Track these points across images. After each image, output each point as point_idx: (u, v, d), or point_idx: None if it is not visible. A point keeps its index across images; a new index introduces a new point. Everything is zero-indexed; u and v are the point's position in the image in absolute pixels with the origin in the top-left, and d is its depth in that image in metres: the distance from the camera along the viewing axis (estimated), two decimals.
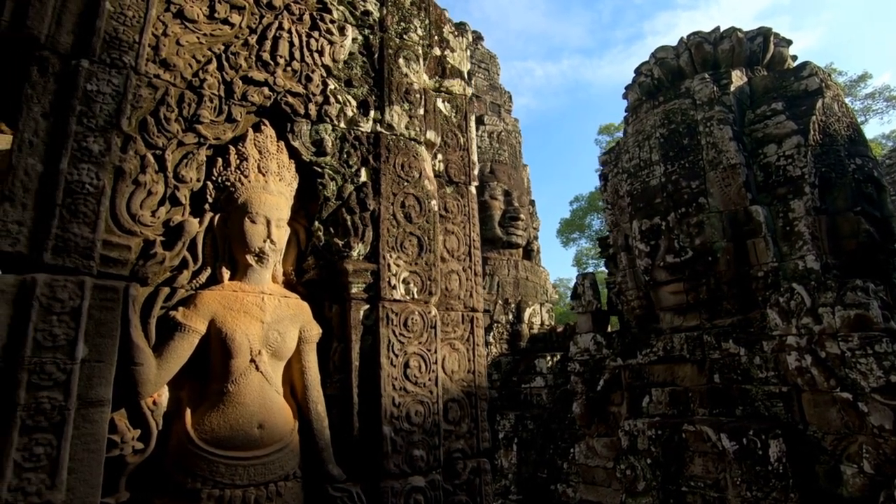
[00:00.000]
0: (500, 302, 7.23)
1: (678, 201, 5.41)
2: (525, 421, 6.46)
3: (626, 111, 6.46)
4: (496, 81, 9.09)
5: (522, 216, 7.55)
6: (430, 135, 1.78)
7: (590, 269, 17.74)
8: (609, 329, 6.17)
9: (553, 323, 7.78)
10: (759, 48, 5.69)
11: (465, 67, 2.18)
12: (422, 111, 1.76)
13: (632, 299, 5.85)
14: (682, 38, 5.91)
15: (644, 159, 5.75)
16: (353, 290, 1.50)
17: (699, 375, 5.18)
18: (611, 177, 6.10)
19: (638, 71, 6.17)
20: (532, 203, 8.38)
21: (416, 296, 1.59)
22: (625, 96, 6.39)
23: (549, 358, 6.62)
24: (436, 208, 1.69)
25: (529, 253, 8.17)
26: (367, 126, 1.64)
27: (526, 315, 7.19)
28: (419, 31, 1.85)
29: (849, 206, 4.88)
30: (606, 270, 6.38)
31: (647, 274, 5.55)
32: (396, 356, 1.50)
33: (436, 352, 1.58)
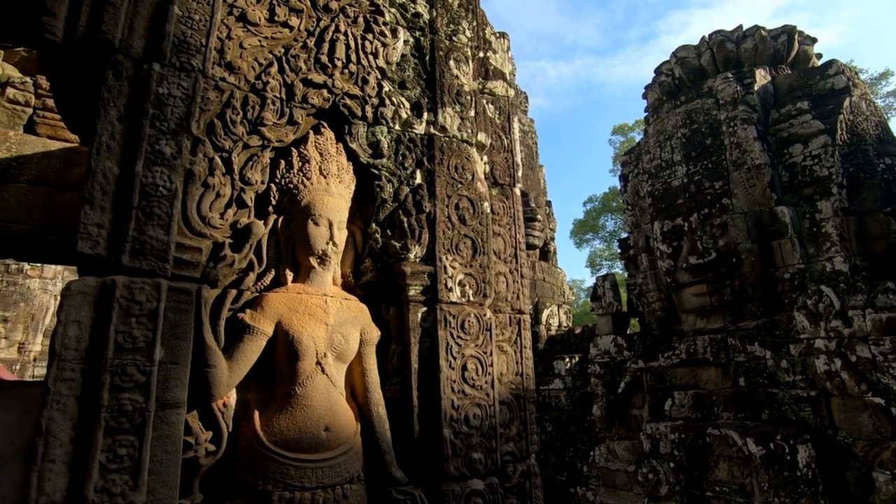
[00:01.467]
0: None
1: (701, 202, 5.35)
2: (544, 423, 6.43)
3: (645, 111, 6.41)
4: (512, 82, 9.08)
5: (539, 217, 7.52)
6: (481, 136, 1.77)
7: (603, 271, 17.65)
8: (629, 331, 6.11)
9: (570, 324, 7.73)
10: (784, 46, 5.61)
11: (507, 69, 2.17)
12: (472, 113, 1.75)
13: (653, 301, 5.79)
14: (703, 37, 5.84)
15: (665, 160, 5.70)
16: (411, 293, 1.50)
17: (723, 378, 5.11)
18: (631, 177, 6.05)
19: (658, 70, 6.12)
20: (548, 204, 8.35)
21: (471, 298, 1.58)
22: (644, 96, 6.34)
23: (567, 360, 6.57)
24: (488, 210, 1.69)
25: (546, 254, 8.13)
26: (420, 128, 1.64)
27: (543, 316, 7.16)
28: (467, 33, 1.85)
29: (878, 207, 4.79)
30: (621, 271, 6.33)
31: (669, 275, 5.49)
32: (454, 359, 1.49)
33: (491, 354, 1.58)
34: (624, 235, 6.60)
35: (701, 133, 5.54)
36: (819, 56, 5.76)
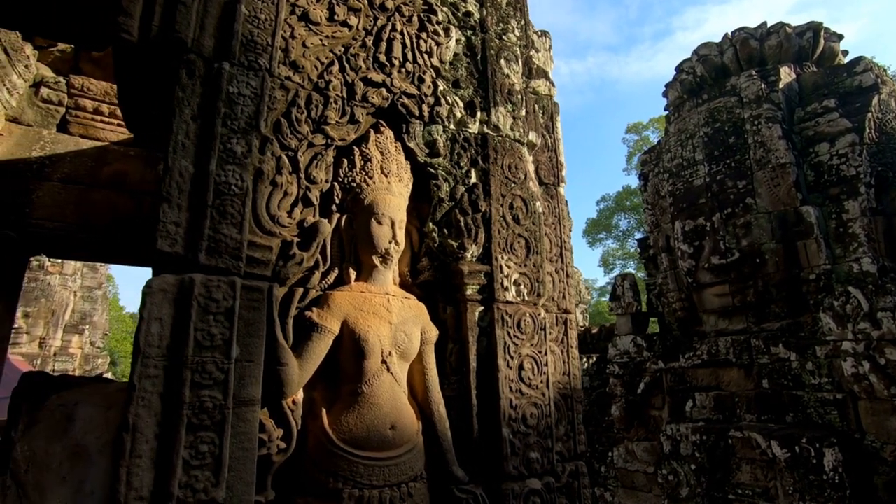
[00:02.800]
0: None
1: (724, 201, 5.29)
2: None
3: (665, 109, 6.35)
4: None
5: None
6: (532, 136, 1.76)
7: (616, 270, 17.52)
8: (648, 331, 6.07)
9: (587, 324, 7.69)
10: (809, 43, 5.52)
11: (550, 68, 2.16)
12: (524, 112, 1.75)
13: (673, 301, 5.74)
14: (726, 35, 5.78)
15: (687, 158, 5.64)
16: (468, 292, 1.50)
17: (746, 380, 5.06)
18: (651, 176, 6.00)
19: (679, 68, 6.06)
20: (565, 203, 8.31)
21: (526, 297, 1.57)
22: (665, 94, 6.28)
23: (584, 360, 6.55)
24: (540, 210, 1.68)
25: None
26: (474, 127, 1.64)
27: None
28: (516, 32, 1.84)
29: None
30: (634, 270, 6.28)
31: (690, 276, 5.44)
32: (512, 358, 1.49)
33: (546, 354, 1.57)
34: (639, 235, 6.55)
35: (724, 131, 5.47)
36: (845, 53, 5.67)
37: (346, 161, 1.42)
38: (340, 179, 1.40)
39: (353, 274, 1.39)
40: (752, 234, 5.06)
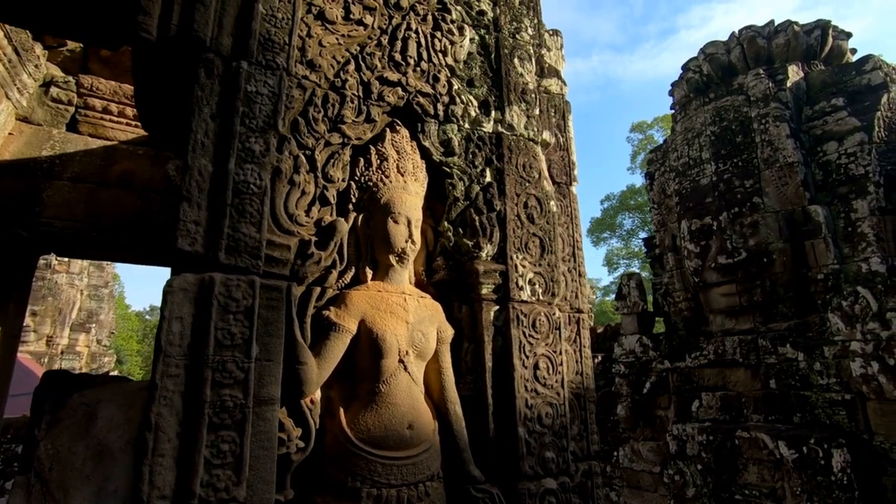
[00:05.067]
0: None
1: (731, 201, 5.27)
2: None
3: (672, 108, 6.32)
4: None
5: None
6: (546, 135, 1.76)
7: (620, 269, 17.47)
8: (654, 331, 6.05)
9: (592, 323, 7.68)
10: (817, 42, 5.49)
11: (561, 66, 2.15)
12: (537, 111, 1.74)
13: (679, 301, 5.72)
14: (732, 33, 5.75)
15: (694, 157, 5.62)
16: (483, 291, 1.50)
17: (753, 380, 5.04)
18: (657, 175, 5.98)
19: (685, 67, 6.03)
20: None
21: (540, 297, 1.57)
22: (671, 93, 6.25)
23: None
24: (555, 209, 1.67)
25: None
26: (489, 126, 1.63)
27: None
28: (529, 31, 1.84)
29: None
30: (638, 270, 6.26)
31: (697, 275, 5.42)
32: (527, 357, 1.49)
33: (560, 353, 1.57)
34: (643, 234, 6.53)
35: (731, 130, 5.45)
36: (854, 51, 5.63)
37: (362, 160, 1.41)
38: (357, 178, 1.40)
39: (369, 273, 1.39)
40: (759, 234, 5.04)
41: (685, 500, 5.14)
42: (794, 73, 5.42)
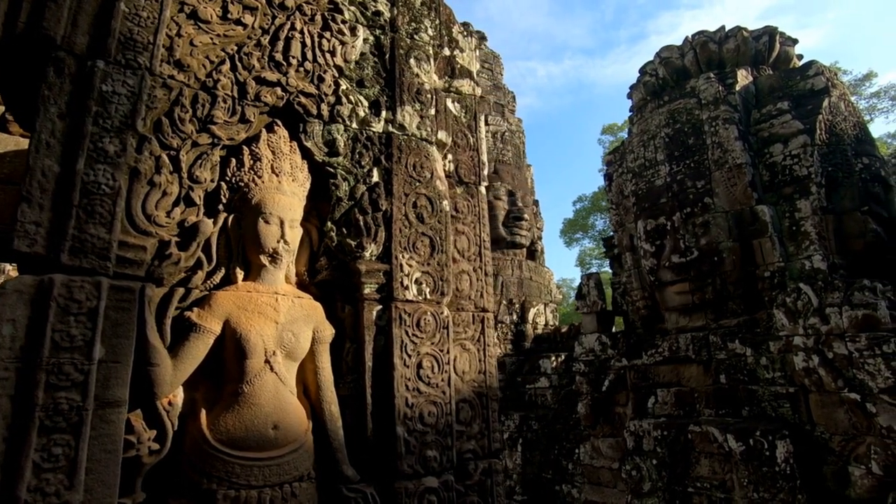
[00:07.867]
0: (504, 302, 7.23)
1: (683, 201, 5.39)
2: (530, 421, 6.45)
3: (630, 111, 6.45)
4: (499, 81, 9.10)
5: (526, 216, 7.54)
6: (442, 135, 1.78)
7: (593, 270, 17.71)
8: (614, 329, 6.15)
9: (557, 323, 7.76)
10: (765, 47, 5.67)
11: (474, 67, 2.18)
12: (433, 111, 1.76)
13: (637, 300, 5.83)
14: (686, 38, 5.89)
15: (649, 159, 5.73)
16: (366, 291, 1.50)
17: (705, 376, 5.16)
18: (615, 177, 6.09)
19: (643, 70, 6.16)
20: (536, 203, 8.37)
21: (428, 296, 1.58)
22: (629, 96, 6.38)
23: (553, 358, 6.61)
24: (447, 208, 1.69)
25: (533, 253, 8.16)
26: (378, 126, 1.64)
27: (530, 315, 7.18)
28: (429, 32, 1.85)
29: (856, 206, 4.85)
30: (610, 270, 6.37)
31: (653, 274, 5.53)
32: (409, 357, 1.50)
33: (448, 352, 1.58)
34: (611, 234, 6.64)
35: (684, 133, 5.58)
36: (800, 57, 5.83)
37: (234, 160, 1.41)
38: (228, 179, 1.40)
39: (240, 274, 1.38)
40: (710, 233, 5.16)
41: (642, 495, 5.23)
42: (744, 77, 5.59)
